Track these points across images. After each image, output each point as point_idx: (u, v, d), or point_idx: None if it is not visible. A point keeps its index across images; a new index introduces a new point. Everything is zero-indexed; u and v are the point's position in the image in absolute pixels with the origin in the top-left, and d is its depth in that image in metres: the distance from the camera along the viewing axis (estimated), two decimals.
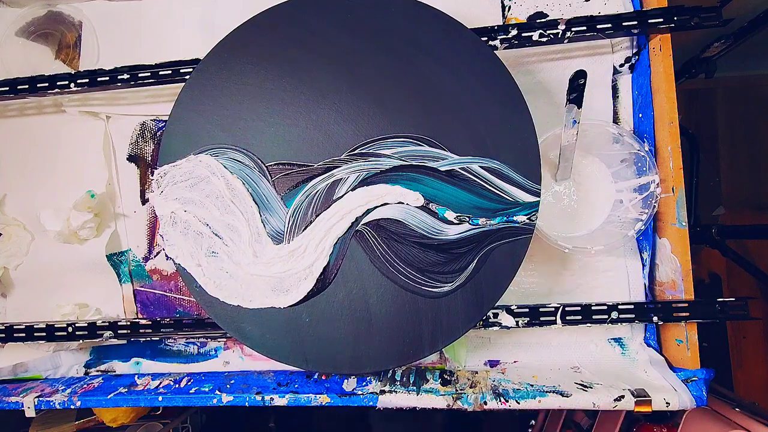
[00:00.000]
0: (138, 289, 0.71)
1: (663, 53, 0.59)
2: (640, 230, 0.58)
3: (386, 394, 0.59)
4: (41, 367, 0.71)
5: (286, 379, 0.64)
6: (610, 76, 0.64)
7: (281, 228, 0.56)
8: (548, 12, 0.66)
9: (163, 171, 0.58)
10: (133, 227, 0.72)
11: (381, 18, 0.57)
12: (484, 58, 0.55)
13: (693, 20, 0.57)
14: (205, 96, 0.58)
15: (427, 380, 0.61)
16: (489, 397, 0.57)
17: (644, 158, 0.59)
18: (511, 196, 0.54)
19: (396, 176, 0.55)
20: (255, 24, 0.58)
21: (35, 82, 0.67)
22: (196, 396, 0.62)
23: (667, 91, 0.59)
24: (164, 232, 0.58)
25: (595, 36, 0.59)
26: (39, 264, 0.73)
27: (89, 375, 0.71)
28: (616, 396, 0.56)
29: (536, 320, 0.58)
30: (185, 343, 0.71)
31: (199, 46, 0.68)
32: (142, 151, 0.72)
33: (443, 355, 0.66)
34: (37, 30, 0.76)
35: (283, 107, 0.57)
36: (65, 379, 0.69)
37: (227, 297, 0.56)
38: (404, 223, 0.54)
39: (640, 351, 0.63)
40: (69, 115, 0.73)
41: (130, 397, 0.64)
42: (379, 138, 0.56)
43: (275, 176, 0.57)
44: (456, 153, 0.54)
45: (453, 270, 0.54)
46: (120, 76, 0.65)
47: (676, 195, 0.58)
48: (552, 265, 0.64)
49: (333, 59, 0.57)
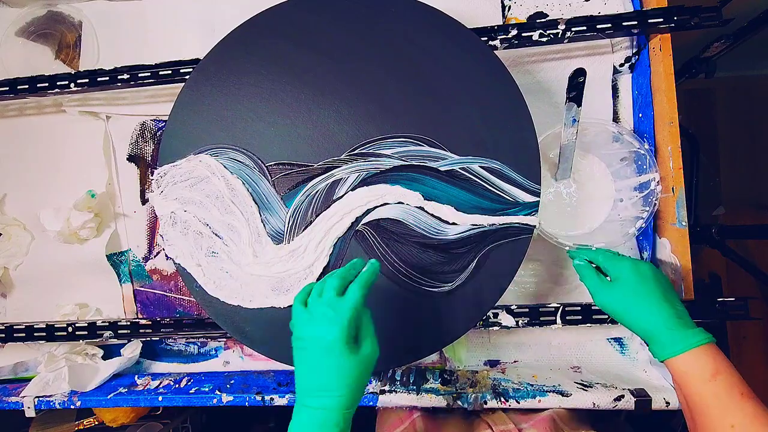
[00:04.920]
0: (138, 289, 0.71)
1: (663, 53, 0.59)
2: (641, 228, 0.58)
3: (386, 393, 0.59)
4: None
5: (286, 379, 0.64)
6: (610, 76, 0.64)
7: (281, 228, 0.56)
8: (548, 12, 0.66)
9: (163, 171, 0.58)
10: (133, 227, 0.72)
11: (381, 18, 0.57)
12: (484, 58, 0.55)
13: (693, 20, 0.57)
14: (205, 96, 0.58)
15: (427, 380, 0.61)
16: (489, 396, 0.57)
17: (644, 156, 0.59)
18: (511, 196, 0.54)
19: (396, 176, 0.55)
20: (255, 24, 0.58)
21: (35, 82, 0.67)
22: (196, 396, 0.62)
23: (667, 91, 0.59)
24: (164, 232, 0.58)
25: (595, 36, 0.59)
26: (39, 264, 0.73)
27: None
28: (615, 396, 0.56)
29: (536, 320, 0.58)
30: (185, 343, 0.71)
31: (199, 46, 0.68)
32: (142, 151, 0.72)
33: (443, 355, 0.66)
34: (37, 30, 0.76)
35: (283, 107, 0.57)
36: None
37: (227, 297, 0.56)
38: (404, 223, 0.54)
39: (640, 351, 0.63)
40: (69, 115, 0.73)
41: (130, 397, 0.64)
42: (379, 138, 0.56)
43: (275, 176, 0.57)
44: (456, 153, 0.54)
45: (453, 270, 0.54)
46: (120, 76, 0.65)
47: (676, 195, 0.58)
48: (552, 265, 0.64)
49: (333, 59, 0.57)
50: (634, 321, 0.46)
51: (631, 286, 0.47)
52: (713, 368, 0.41)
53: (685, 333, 0.43)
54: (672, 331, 0.43)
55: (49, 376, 0.66)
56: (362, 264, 0.45)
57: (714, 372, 0.41)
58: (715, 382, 0.41)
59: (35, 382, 0.66)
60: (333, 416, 0.39)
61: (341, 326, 0.39)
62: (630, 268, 0.48)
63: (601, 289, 0.49)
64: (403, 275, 0.54)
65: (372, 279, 0.44)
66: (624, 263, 0.48)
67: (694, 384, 0.42)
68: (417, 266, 0.54)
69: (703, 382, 0.41)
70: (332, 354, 0.39)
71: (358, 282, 0.42)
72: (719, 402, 0.40)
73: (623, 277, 0.48)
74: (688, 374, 0.42)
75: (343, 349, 0.39)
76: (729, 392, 0.40)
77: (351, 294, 0.41)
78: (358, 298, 0.41)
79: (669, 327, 0.44)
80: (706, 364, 0.41)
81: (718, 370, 0.41)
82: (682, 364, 0.42)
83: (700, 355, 0.42)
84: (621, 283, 0.48)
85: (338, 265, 0.55)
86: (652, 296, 0.46)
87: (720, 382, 0.40)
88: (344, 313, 0.40)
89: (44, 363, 0.66)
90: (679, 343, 0.43)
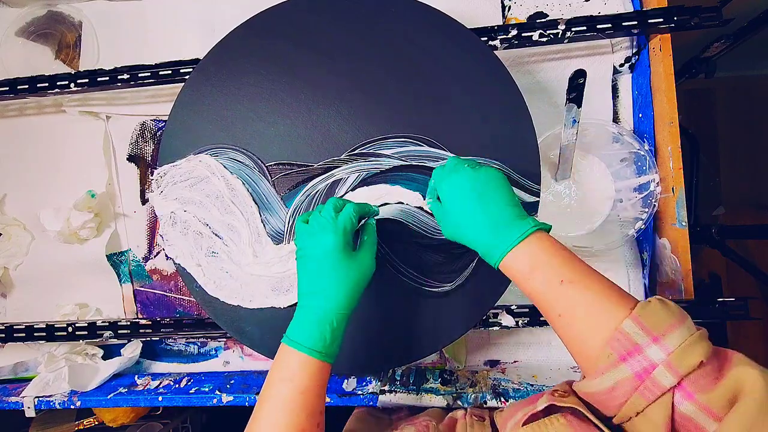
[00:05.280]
0: (138, 289, 0.71)
1: (663, 53, 0.59)
2: (641, 229, 0.58)
3: (386, 393, 0.59)
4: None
5: None
6: (610, 76, 0.64)
7: (281, 228, 0.56)
8: (548, 12, 0.66)
9: (163, 171, 0.58)
10: (133, 227, 0.72)
11: (381, 18, 0.57)
12: (484, 58, 0.55)
13: (693, 20, 0.57)
14: (205, 96, 0.58)
15: (427, 380, 0.61)
16: (489, 396, 0.57)
17: (644, 157, 0.59)
18: None
19: (396, 176, 0.55)
20: (254, 24, 0.58)
21: (35, 82, 0.67)
22: (196, 396, 0.62)
23: (667, 91, 0.59)
24: (164, 232, 0.58)
25: (595, 36, 0.59)
26: (39, 264, 0.73)
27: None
28: None
29: (536, 320, 0.58)
30: (185, 343, 0.71)
31: (199, 46, 0.68)
32: (142, 151, 0.72)
33: (443, 355, 0.66)
34: (37, 30, 0.76)
35: (283, 107, 0.57)
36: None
37: (227, 297, 0.56)
38: (404, 223, 0.54)
39: None
40: (69, 115, 0.73)
41: (130, 397, 0.64)
42: (379, 138, 0.56)
43: (275, 176, 0.57)
44: (456, 153, 0.54)
45: (453, 270, 0.54)
46: (120, 76, 0.65)
47: (676, 195, 0.58)
48: None
49: (333, 59, 0.57)
50: (463, 238, 0.45)
51: (448, 205, 0.45)
52: (529, 265, 0.39)
53: (503, 235, 0.41)
54: (492, 236, 0.42)
55: (49, 376, 0.66)
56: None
57: (531, 268, 0.39)
58: (533, 278, 0.39)
59: (35, 383, 0.66)
60: (328, 316, 0.42)
61: (336, 233, 0.43)
62: (447, 184, 0.45)
63: (440, 219, 0.48)
64: (403, 275, 0.54)
65: (368, 208, 0.48)
66: (440, 180, 0.46)
67: (521, 285, 0.41)
68: (417, 266, 0.54)
69: (525, 281, 0.40)
70: (329, 258, 0.43)
71: (352, 202, 0.47)
72: (544, 297, 0.39)
73: (443, 197, 0.46)
74: (514, 277, 0.41)
75: (340, 255, 0.43)
76: (549, 283, 0.38)
77: (346, 209, 0.45)
78: (351, 211, 0.45)
79: (489, 233, 0.42)
80: (523, 263, 0.40)
81: (535, 265, 0.39)
82: (504, 269, 0.42)
83: (517, 255, 0.40)
84: (443, 205, 0.46)
85: None
86: (467, 204, 0.43)
87: (538, 276, 0.39)
88: (339, 223, 0.44)
89: (44, 363, 0.66)
90: (496, 248, 0.41)
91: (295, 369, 0.41)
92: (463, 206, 0.44)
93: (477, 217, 0.43)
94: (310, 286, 0.44)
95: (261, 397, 0.42)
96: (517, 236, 0.41)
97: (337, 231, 0.43)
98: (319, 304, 0.43)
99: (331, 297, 0.43)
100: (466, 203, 0.44)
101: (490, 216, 0.43)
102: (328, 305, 0.43)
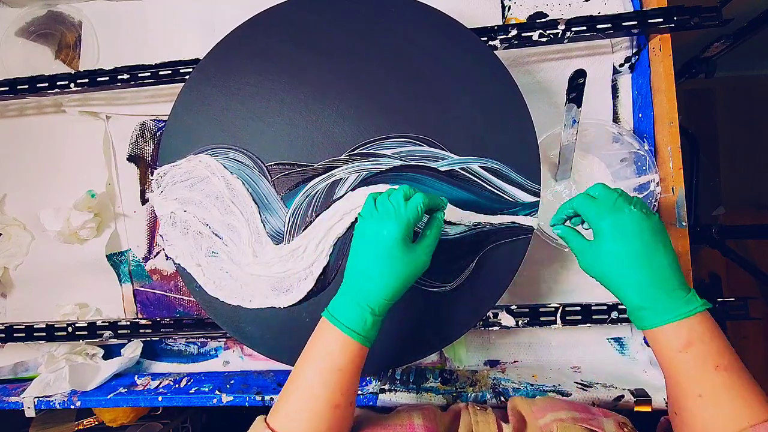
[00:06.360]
0: (138, 289, 0.71)
1: (663, 53, 0.59)
2: None
3: (386, 393, 0.59)
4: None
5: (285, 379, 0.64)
6: (609, 76, 0.64)
7: (281, 228, 0.56)
8: (548, 12, 0.66)
9: (163, 171, 0.58)
10: (133, 227, 0.72)
11: (381, 18, 0.57)
12: (484, 58, 0.55)
13: (693, 20, 0.57)
14: (205, 96, 0.58)
15: (427, 379, 0.61)
16: (489, 396, 0.57)
17: (644, 157, 0.59)
18: (511, 196, 0.54)
19: (396, 176, 0.55)
20: (254, 24, 0.58)
21: (35, 82, 0.67)
22: (196, 396, 0.62)
23: (667, 91, 0.59)
24: (164, 232, 0.58)
25: (595, 36, 0.59)
26: (39, 264, 0.73)
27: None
28: (616, 396, 0.56)
29: (536, 320, 0.58)
30: (185, 343, 0.71)
31: (199, 46, 0.68)
32: (142, 151, 0.72)
33: (443, 355, 0.66)
34: (37, 30, 0.76)
35: (283, 107, 0.57)
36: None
37: (227, 297, 0.56)
38: None
39: (640, 351, 0.63)
40: (69, 115, 0.73)
41: (130, 397, 0.64)
42: (379, 138, 0.56)
43: (275, 176, 0.57)
44: (456, 153, 0.54)
45: (453, 270, 0.54)
46: (120, 76, 0.65)
47: (676, 195, 0.58)
48: (552, 265, 0.64)
49: (333, 59, 0.57)
50: (611, 283, 0.42)
51: (607, 245, 0.41)
52: (686, 340, 0.38)
53: (665, 302, 0.39)
54: (649, 298, 0.39)
55: (50, 376, 0.66)
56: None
57: (686, 345, 0.38)
58: (685, 355, 0.38)
59: (36, 383, 0.66)
60: (372, 302, 0.43)
61: (400, 223, 0.43)
62: (608, 223, 0.41)
63: (582, 251, 0.45)
64: None
65: (437, 200, 0.47)
66: (603, 216, 0.42)
67: (665, 354, 0.39)
68: None
69: (673, 354, 0.38)
70: (387, 247, 0.43)
71: (423, 192, 0.45)
72: (690, 375, 0.38)
73: (601, 234, 0.42)
74: (660, 345, 0.39)
75: (399, 246, 0.43)
76: (703, 366, 0.37)
77: (415, 198, 0.44)
78: (419, 203, 0.44)
79: (648, 293, 0.39)
80: (679, 338, 0.38)
81: (691, 341, 0.38)
82: (653, 334, 0.40)
83: (675, 328, 0.38)
84: (598, 241, 0.42)
85: (338, 265, 0.55)
86: (631, 252, 0.40)
87: (691, 354, 0.38)
88: (406, 213, 0.43)
89: (44, 364, 0.66)
90: (654, 312, 0.39)
91: (333, 346, 0.42)
92: (627, 252, 0.40)
93: (641, 270, 0.40)
94: (360, 266, 0.44)
95: (300, 364, 0.43)
96: (685, 311, 0.38)
97: (401, 221, 0.43)
98: (367, 287, 0.43)
99: (381, 286, 0.43)
100: (631, 250, 0.40)
101: (654, 274, 0.40)
102: (375, 292, 0.43)
